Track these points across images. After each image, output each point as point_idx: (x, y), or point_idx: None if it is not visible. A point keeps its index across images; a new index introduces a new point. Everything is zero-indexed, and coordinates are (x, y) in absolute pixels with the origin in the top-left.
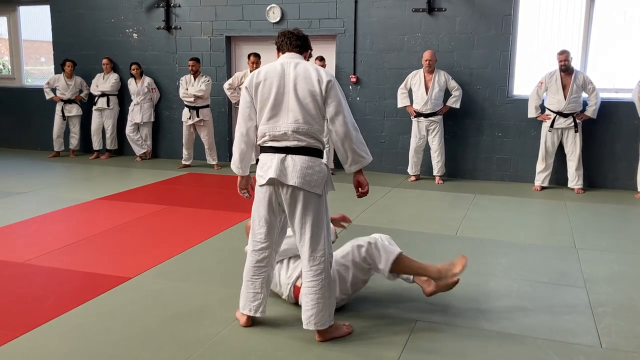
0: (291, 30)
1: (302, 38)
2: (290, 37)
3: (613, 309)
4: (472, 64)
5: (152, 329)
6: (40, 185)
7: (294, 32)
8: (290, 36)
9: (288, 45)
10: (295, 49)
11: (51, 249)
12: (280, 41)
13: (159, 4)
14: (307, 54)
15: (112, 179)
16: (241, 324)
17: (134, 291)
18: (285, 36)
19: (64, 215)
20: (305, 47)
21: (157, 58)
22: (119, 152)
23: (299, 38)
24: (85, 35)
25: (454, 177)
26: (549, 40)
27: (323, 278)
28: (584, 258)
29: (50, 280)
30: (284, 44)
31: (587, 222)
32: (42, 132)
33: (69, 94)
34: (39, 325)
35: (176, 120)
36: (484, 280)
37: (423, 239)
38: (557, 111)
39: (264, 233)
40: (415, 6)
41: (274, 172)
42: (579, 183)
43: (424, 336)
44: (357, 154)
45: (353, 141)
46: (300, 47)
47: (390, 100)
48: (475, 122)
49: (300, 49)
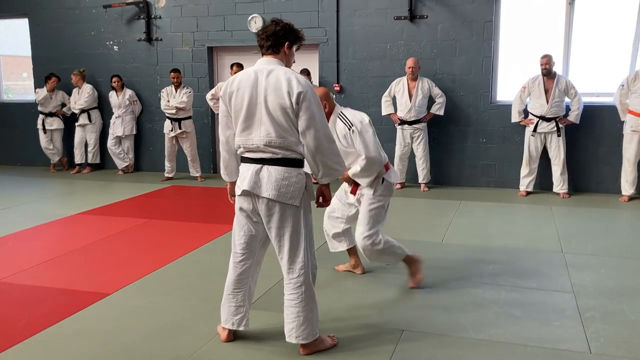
0: (265, 27)
1: (272, 36)
2: (262, 38)
3: (601, 314)
4: (455, 70)
5: (130, 347)
6: (19, 201)
7: (266, 29)
8: (262, 35)
9: (262, 48)
10: (268, 51)
11: (28, 266)
12: (257, 41)
13: (139, 16)
14: (284, 48)
15: (94, 193)
16: (222, 339)
17: (112, 307)
18: (258, 35)
19: (42, 231)
20: (277, 44)
21: (138, 70)
22: (100, 166)
23: (269, 37)
24: (65, 48)
25: (440, 184)
26: (531, 46)
27: (303, 291)
28: (571, 263)
29: (25, 299)
30: (259, 44)
31: (573, 226)
32: (22, 147)
33: (50, 107)
34: (9, 347)
35: (158, 133)
36: (472, 287)
37: (408, 245)
38: (540, 115)
39: (244, 244)
40: (397, 14)
41: (247, 184)
42: (564, 187)
43: (411, 346)
44: (329, 167)
45: (325, 154)
46: (273, 46)
47: (375, 108)
48: (460, 129)
49: (274, 48)
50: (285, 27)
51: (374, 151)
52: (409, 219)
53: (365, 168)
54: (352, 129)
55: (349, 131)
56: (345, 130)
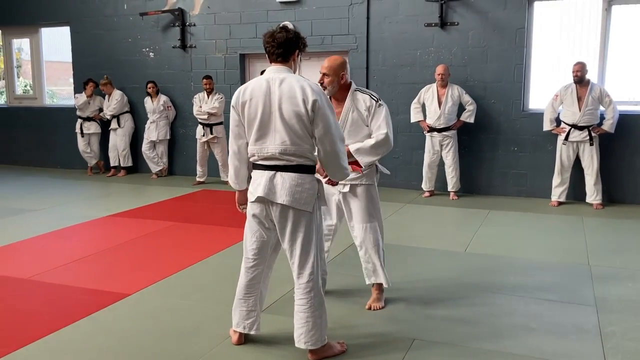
0: (273, 34)
1: (282, 45)
2: (272, 45)
3: (623, 329)
4: (486, 78)
5: (145, 346)
6: (54, 202)
7: (275, 36)
8: (272, 43)
9: (270, 55)
10: (279, 59)
11: (55, 265)
12: (264, 46)
13: (174, 24)
14: (294, 56)
15: (127, 196)
16: (233, 342)
17: (131, 308)
18: (266, 42)
19: (73, 232)
20: (289, 52)
21: (173, 76)
22: (134, 170)
23: (280, 45)
24: (103, 55)
25: (469, 192)
26: (565, 53)
27: (312, 296)
28: (596, 276)
29: (49, 297)
30: (267, 52)
31: (603, 238)
32: (62, 150)
33: (88, 112)
34: (32, 342)
35: (191, 138)
36: (489, 298)
37: (430, 255)
38: (572, 124)
39: (256, 249)
40: (427, 21)
41: (262, 190)
42: (597, 198)
43: (421, 355)
44: (340, 170)
45: (340, 158)
46: (284, 55)
47: (404, 115)
48: (490, 137)
49: (284, 57)
50: (296, 35)
51: (391, 131)
52: (433, 227)
53: (380, 143)
54: (379, 102)
55: (375, 104)
56: (371, 102)
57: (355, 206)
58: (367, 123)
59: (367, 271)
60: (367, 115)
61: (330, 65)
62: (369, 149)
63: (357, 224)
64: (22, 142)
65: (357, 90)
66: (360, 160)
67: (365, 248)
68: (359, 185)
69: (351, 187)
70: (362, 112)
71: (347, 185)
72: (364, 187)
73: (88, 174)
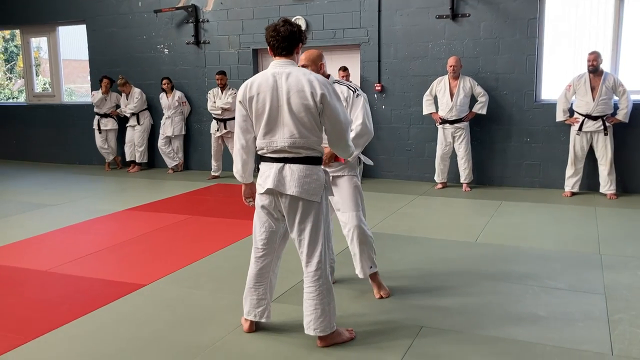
0: (277, 26)
1: (287, 38)
2: (277, 39)
3: (631, 317)
4: (498, 69)
5: (158, 334)
6: (72, 197)
7: (279, 29)
8: (276, 37)
9: (274, 49)
10: (283, 52)
11: (73, 257)
12: (267, 40)
13: (188, 20)
14: (297, 49)
15: (143, 191)
16: (244, 330)
17: (146, 297)
18: (270, 35)
19: (91, 225)
20: (292, 45)
21: (187, 72)
22: (151, 165)
23: (285, 39)
24: (118, 52)
25: (482, 184)
26: (577, 43)
27: (321, 284)
28: (606, 264)
29: (67, 288)
30: (271, 45)
31: (615, 228)
32: (80, 147)
33: (105, 108)
34: (50, 330)
35: (206, 133)
36: (498, 286)
37: (440, 245)
38: (586, 114)
39: (265, 239)
40: (438, 13)
41: (271, 182)
42: (611, 188)
43: (428, 342)
44: (347, 149)
45: (347, 140)
46: (288, 48)
47: (416, 107)
48: (503, 128)
49: (288, 50)
50: (299, 28)
51: (369, 121)
52: (445, 218)
53: (360, 134)
54: (357, 92)
55: (353, 94)
56: (349, 93)
57: (340, 196)
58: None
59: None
60: (346, 105)
61: (308, 57)
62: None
63: (343, 213)
64: (41, 139)
65: (336, 82)
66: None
67: (350, 236)
68: (341, 177)
69: (333, 179)
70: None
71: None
72: (347, 178)
73: (106, 169)
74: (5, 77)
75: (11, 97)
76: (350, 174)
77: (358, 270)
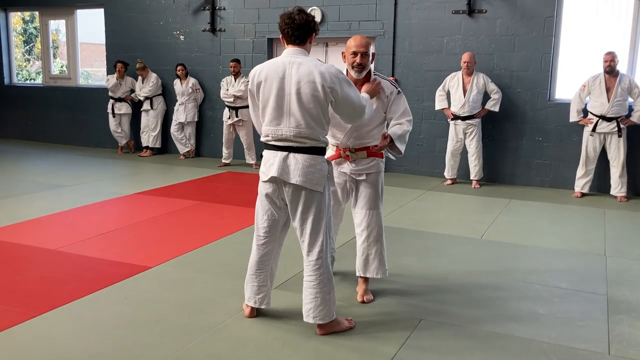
0: (292, 15)
1: (302, 27)
2: (292, 27)
3: (631, 318)
4: (513, 66)
5: (161, 315)
6: (85, 179)
7: (294, 17)
8: (291, 25)
9: (288, 37)
10: (297, 40)
11: (83, 238)
12: (281, 28)
13: (205, 7)
14: (310, 38)
15: (154, 175)
16: (245, 315)
17: (151, 280)
18: (285, 23)
19: (102, 207)
20: (307, 35)
21: (202, 59)
22: (163, 150)
23: (300, 27)
24: (135, 37)
25: (492, 181)
26: (594, 43)
27: (321, 273)
28: (611, 266)
29: (75, 267)
30: (285, 33)
31: (623, 230)
32: (94, 130)
33: (119, 93)
34: (56, 307)
35: (219, 121)
36: (500, 283)
37: (445, 241)
38: (600, 115)
39: (267, 227)
40: (455, 8)
41: (275, 170)
42: (622, 191)
43: (426, 334)
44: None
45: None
46: (301, 37)
47: (429, 102)
48: (515, 126)
49: (302, 39)
50: (313, 17)
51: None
52: (453, 214)
53: (410, 128)
54: (398, 89)
55: (396, 91)
56: (392, 89)
57: (365, 192)
58: (385, 109)
59: (363, 262)
60: (387, 101)
61: (366, 43)
62: (405, 137)
63: (363, 210)
64: (57, 121)
65: (376, 75)
66: (402, 148)
67: (368, 234)
68: (373, 173)
69: (367, 176)
70: (383, 99)
71: (362, 174)
72: (376, 175)
73: (119, 153)
74: (23, 58)
75: (29, 79)
76: (380, 170)
77: (371, 270)
